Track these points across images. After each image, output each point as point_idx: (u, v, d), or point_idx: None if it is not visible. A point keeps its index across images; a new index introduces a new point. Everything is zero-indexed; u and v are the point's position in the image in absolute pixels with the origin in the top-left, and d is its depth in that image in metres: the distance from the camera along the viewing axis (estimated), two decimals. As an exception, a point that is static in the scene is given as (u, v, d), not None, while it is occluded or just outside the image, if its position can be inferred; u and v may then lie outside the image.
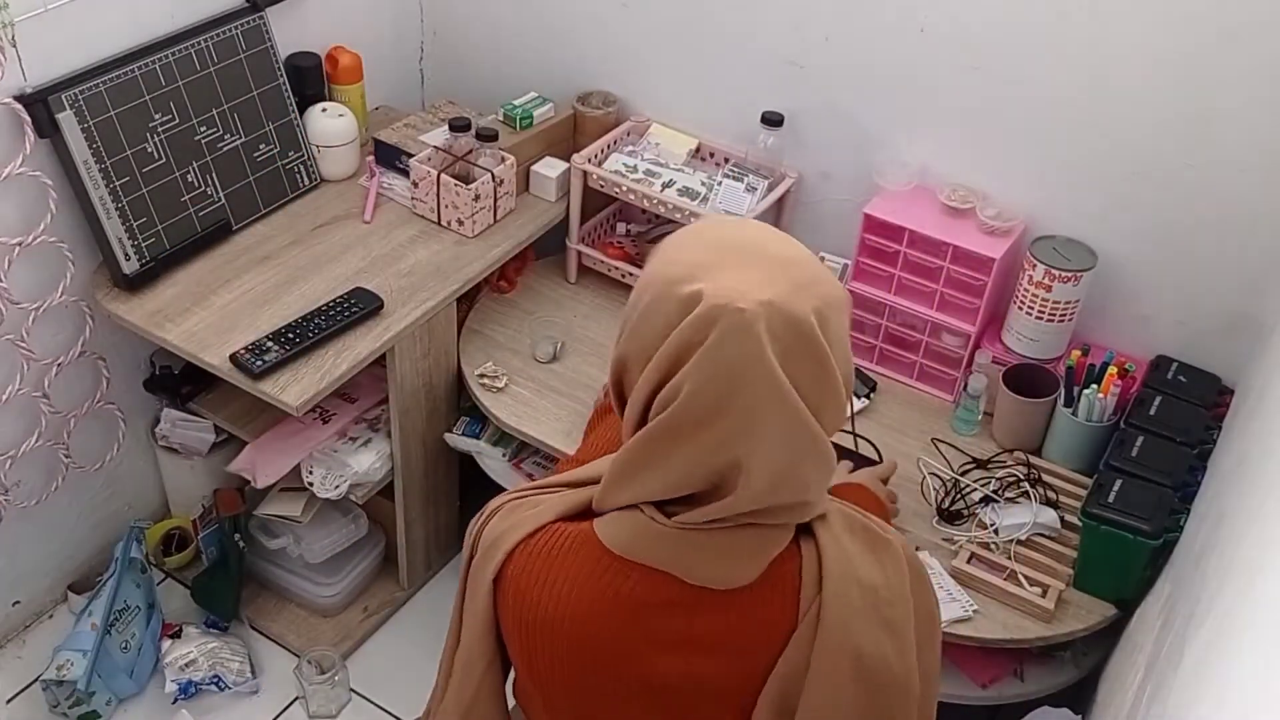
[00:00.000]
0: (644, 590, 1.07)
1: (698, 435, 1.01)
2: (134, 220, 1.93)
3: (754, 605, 1.08)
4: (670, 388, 1.01)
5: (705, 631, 1.08)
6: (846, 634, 1.07)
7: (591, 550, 1.09)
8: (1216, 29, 1.62)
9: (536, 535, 1.11)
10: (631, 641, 1.09)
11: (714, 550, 1.06)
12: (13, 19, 1.73)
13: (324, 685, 2.11)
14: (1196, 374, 1.82)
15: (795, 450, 1.03)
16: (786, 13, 1.97)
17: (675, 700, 1.11)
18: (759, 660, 1.09)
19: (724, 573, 1.07)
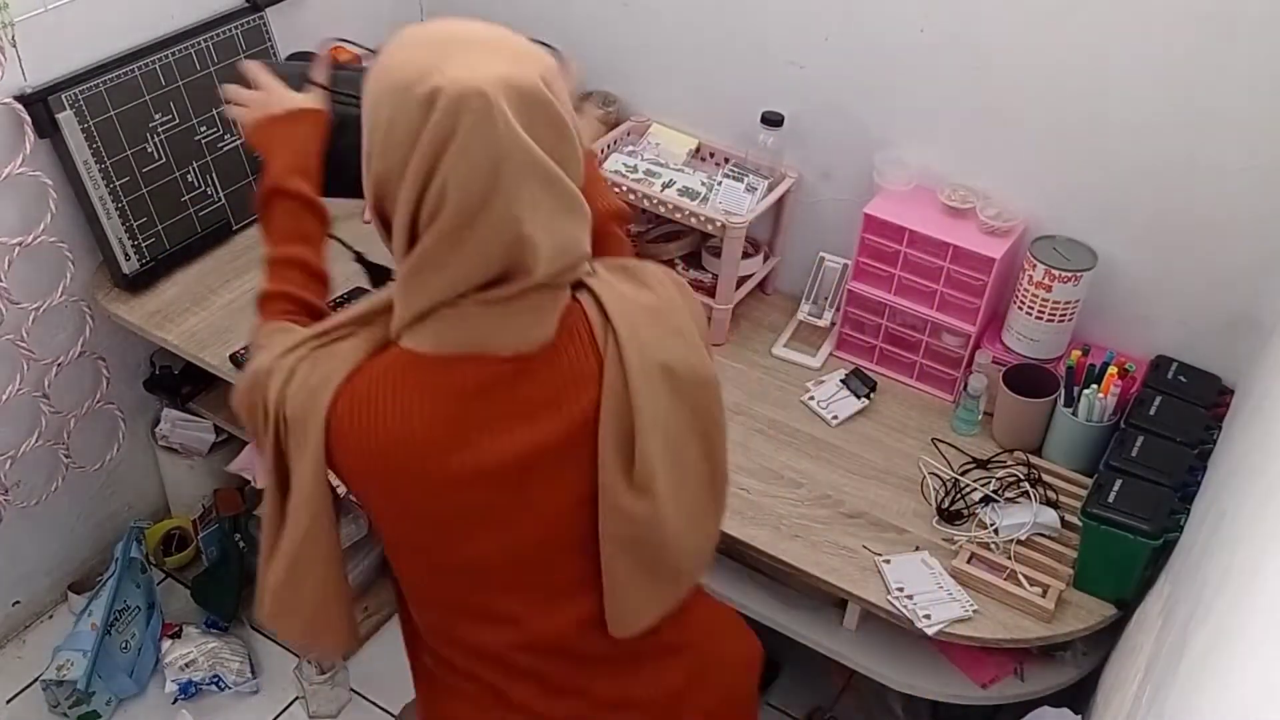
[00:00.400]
0: (465, 377, 1.13)
1: (475, 227, 1.06)
2: (134, 220, 1.93)
3: (560, 358, 1.15)
4: (434, 190, 1.05)
5: (529, 398, 1.15)
6: (646, 351, 1.17)
7: (409, 365, 1.14)
8: (1216, 29, 1.62)
9: (353, 378, 1.14)
10: (471, 430, 1.13)
11: (515, 319, 1.12)
12: (13, 19, 1.73)
13: (324, 685, 2.11)
14: (1196, 374, 1.82)
15: (563, 212, 1.10)
16: (786, 13, 1.97)
17: (528, 478, 1.16)
18: (580, 406, 1.16)
19: (528, 336, 1.14)
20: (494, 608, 1.22)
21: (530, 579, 1.22)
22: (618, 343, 1.16)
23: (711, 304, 2.06)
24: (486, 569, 1.20)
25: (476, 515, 1.17)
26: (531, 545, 1.20)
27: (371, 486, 1.16)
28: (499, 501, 1.16)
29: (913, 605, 1.62)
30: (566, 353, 1.16)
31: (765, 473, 1.83)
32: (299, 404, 1.15)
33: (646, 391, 1.17)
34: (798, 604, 1.83)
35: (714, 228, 1.98)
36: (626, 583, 1.23)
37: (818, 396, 1.97)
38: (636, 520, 1.19)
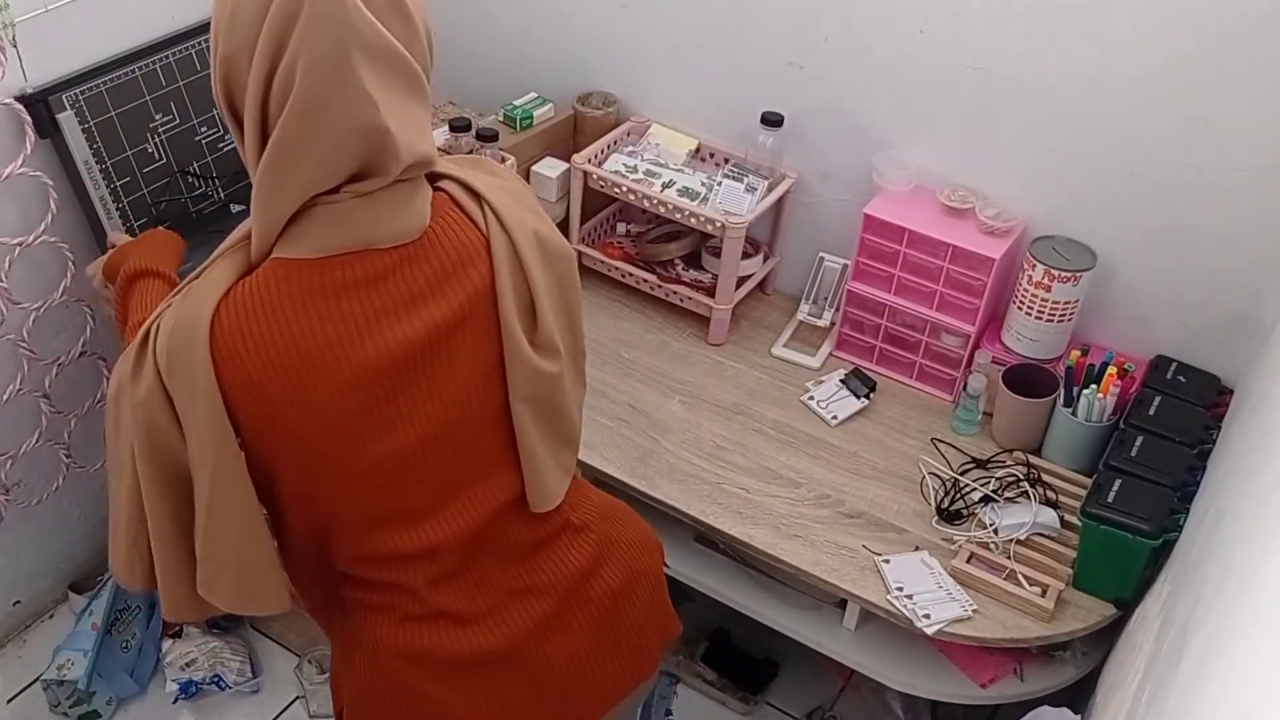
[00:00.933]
0: (352, 273, 1.14)
1: (330, 110, 1.07)
2: (134, 220, 1.93)
3: (441, 240, 1.18)
4: (283, 71, 1.06)
5: (419, 283, 1.17)
6: (521, 222, 1.24)
7: (290, 271, 1.13)
8: (1216, 29, 1.62)
9: (227, 298, 1.13)
10: (369, 321, 1.15)
11: (385, 210, 1.14)
12: (13, 19, 1.73)
13: (325, 685, 2.11)
14: (1196, 374, 1.82)
15: (410, 94, 1.12)
16: (786, 13, 1.97)
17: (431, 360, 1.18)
18: (472, 281, 1.20)
19: (406, 226, 1.16)
20: (408, 507, 1.23)
21: (440, 468, 1.23)
22: (498, 217, 1.22)
23: (711, 304, 2.06)
24: (398, 463, 1.20)
25: (385, 408, 1.17)
26: (439, 428, 1.21)
27: (273, 402, 1.13)
28: (405, 389, 1.18)
29: (912, 605, 1.62)
30: (447, 234, 1.19)
31: (765, 472, 1.84)
32: (176, 347, 1.12)
33: (530, 256, 1.23)
34: (798, 604, 1.83)
35: (714, 228, 1.98)
36: (540, 451, 1.28)
37: (817, 396, 1.97)
38: (545, 378, 1.26)
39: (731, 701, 2.17)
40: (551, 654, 1.34)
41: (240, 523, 1.20)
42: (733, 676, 2.19)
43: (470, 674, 1.31)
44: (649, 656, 1.45)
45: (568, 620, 1.35)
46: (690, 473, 1.82)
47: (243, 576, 1.23)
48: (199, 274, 1.18)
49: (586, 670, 1.37)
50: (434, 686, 1.30)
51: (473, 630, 1.30)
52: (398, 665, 1.29)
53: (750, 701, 2.16)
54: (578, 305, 1.34)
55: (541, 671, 1.34)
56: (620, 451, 1.85)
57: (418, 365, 1.18)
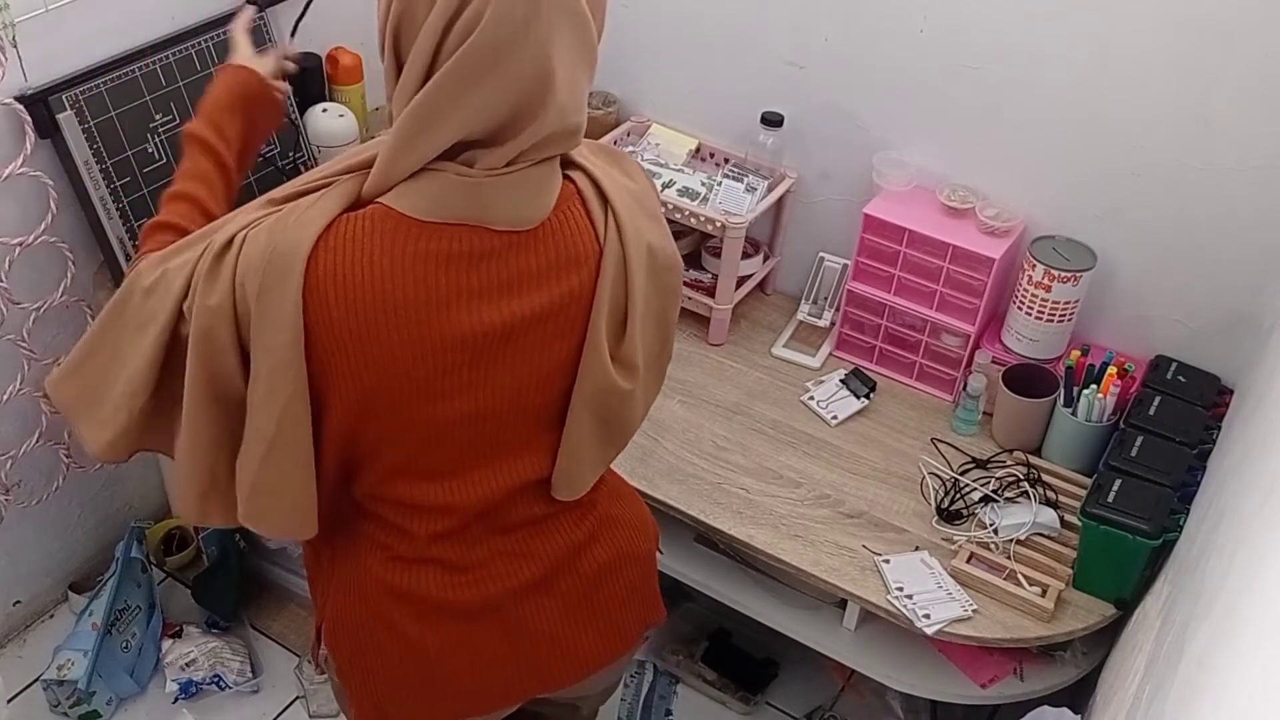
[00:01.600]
0: (457, 245, 1.12)
1: (512, 51, 1.04)
2: (135, 220, 1.93)
3: (554, 236, 1.16)
4: (469, 15, 1.02)
5: (519, 271, 1.15)
6: (636, 231, 1.21)
7: (397, 224, 1.11)
8: (1216, 29, 1.63)
9: (328, 234, 1.10)
10: (459, 295, 1.13)
11: (512, 193, 1.12)
12: (13, 19, 1.73)
13: (325, 684, 2.11)
14: (1196, 374, 1.82)
15: (584, 61, 1.10)
16: (786, 13, 1.97)
17: (506, 347, 1.17)
18: (571, 283, 1.18)
19: (524, 213, 1.14)
20: (434, 466, 1.24)
21: (477, 440, 1.23)
22: (619, 227, 1.19)
23: (711, 304, 2.06)
24: (440, 428, 1.20)
25: (445, 377, 1.17)
26: (490, 407, 1.21)
27: (345, 349, 1.12)
28: (471, 365, 1.17)
29: (912, 605, 1.62)
30: (563, 231, 1.17)
31: (765, 472, 1.83)
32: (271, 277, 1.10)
33: (638, 272, 1.22)
34: (798, 604, 1.83)
35: (714, 228, 1.98)
36: (586, 450, 1.28)
37: (817, 396, 1.97)
38: (619, 395, 1.25)
39: (731, 701, 2.17)
40: (529, 613, 1.35)
41: (301, 457, 1.19)
42: (733, 676, 2.19)
43: (448, 619, 1.33)
44: (626, 636, 1.45)
45: (551, 585, 1.36)
46: (690, 473, 1.82)
47: (297, 505, 1.23)
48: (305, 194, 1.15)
49: (560, 635, 1.38)
50: (412, 624, 1.32)
51: (459, 580, 1.32)
52: (382, 598, 1.31)
53: (750, 701, 2.16)
54: (675, 312, 1.34)
55: (517, 628, 1.35)
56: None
57: (491, 349, 1.17)
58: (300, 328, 1.11)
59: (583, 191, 1.19)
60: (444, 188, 1.10)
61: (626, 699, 2.14)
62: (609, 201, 1.20)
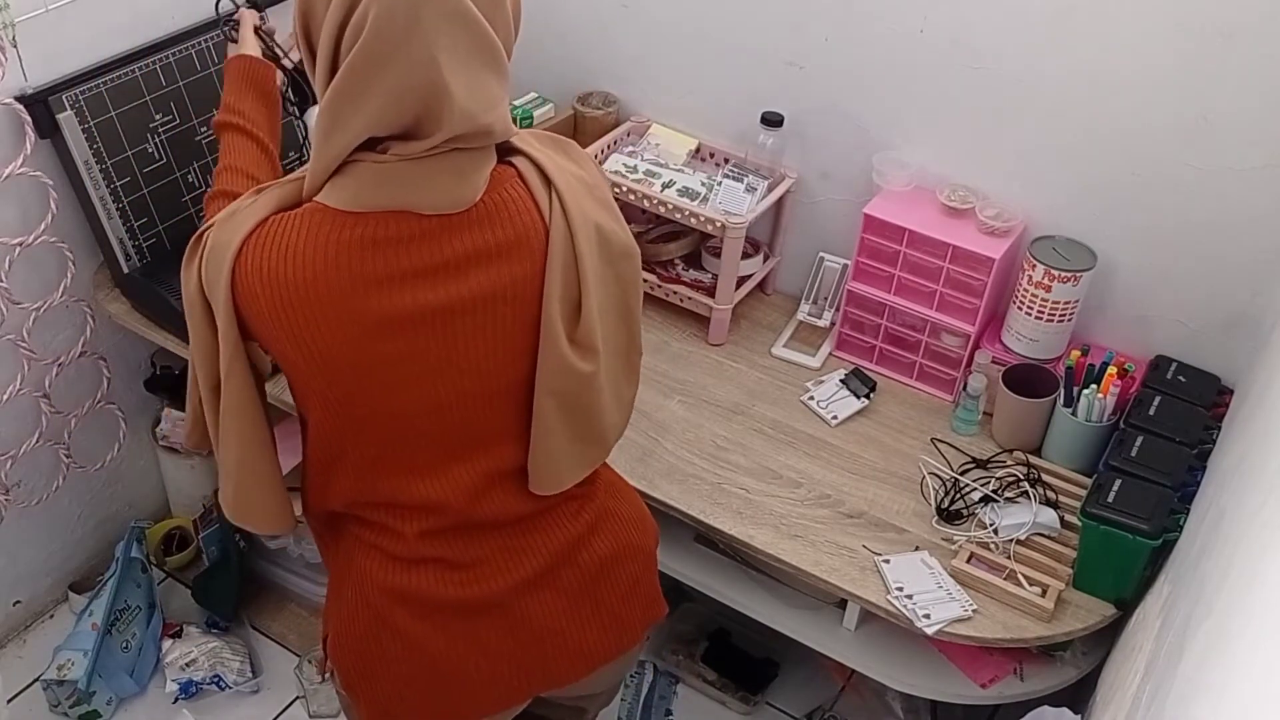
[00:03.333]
0: (383, 230, 1.15)
1: (393, 62, 1.08)
2: (134, 220, 1.93)
3: (495, 216, 1.18)
4: (356, 19, 1.08)
5: (457, 253, 1.17)
6: (582, 211, 1.22)
7: (323, 216, 1.16)
8: (1216, 29, 1.62)
9: (259, 229, 1.17)
10: (390, 278, 1.15)
11: (436, 179, 1.14)
12: (13, 19, 1.73)
13: (325, 685, 2.11)
14: (1196, 374, 1.82)
15: (483, 67, 1.12)
16: (786, 13, 1.97)
17: (453, 329, 1.18)
18: (519, 264, 1.19)
19: (451, 196, 1.15)
20: (410, 462, 1.25)
21: (448, 432, 1.24)
22: (563, 205, 1.21)
23: (711, 304, 2.06)
24: (404, 421, 1.22)
25: (398, 365, 1.19)
26: (451, 395, 1.22)
27: (285, 331, 1.17)
28: (421, 351, 1.19)
29: (912, 605, 1.62)
30: (502, 211, 1.19)
31: (765, 473, 1.83)
32: (210, 270, 1.19)
33: (588, 252, 1.22)
34: (798, 604, 1.83)
35: (714, 228, 1.98)
36: (557, 440, 1.28)
37: (817, 396, 1.97)
38: (579, 376, 1.25)
39: (731, 701, 2.17)
40: (533, 609, 1.36)
41: (241, 440, 1.26)
42: (733, 676, 2.19)
43: (452, 618, 1.33)
44: (630, 631, 1.46)
45: (553, 580, 1.37)
46: (690, 473, 1.82)
47: (240, 491, 1.30)
48: (250, 198, 1.21)
49: (564, 630, 1.39)
50: (415, 625, 1.33)
51: (459, 578, 1.32)
52: (383, 600, 1.32)
53: (750, 701, 2.16)
54: (637, 303, 1.34)
55: (521, 623, 1.36)
56: (620, 451, 1.84)
57: (435, 330, 1.18)
58: (233, 317, 1.18)
59: (524, 174, 1.22)
60: (364, 177, 1.15)
61: (626, 699, 2.14)
62: (552, 183, 1.21)
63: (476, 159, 1.18)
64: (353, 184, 1.15)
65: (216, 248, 1.18)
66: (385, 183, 1.14)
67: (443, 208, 1.16)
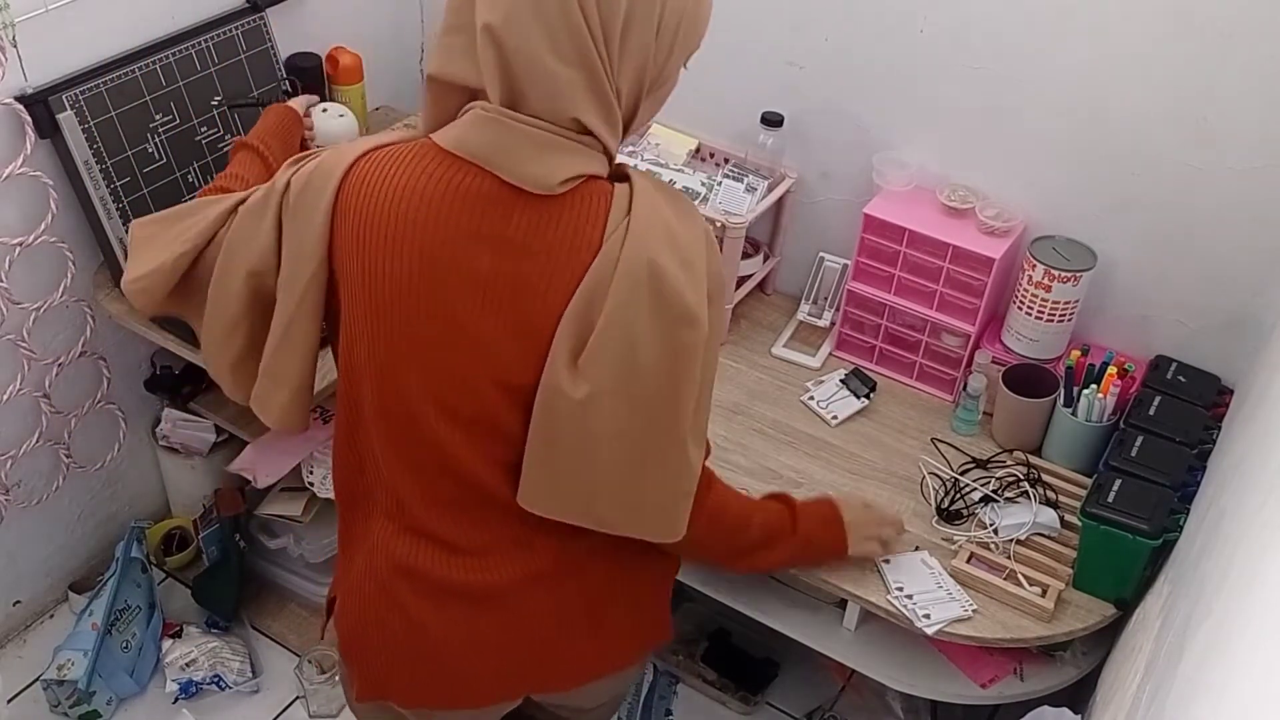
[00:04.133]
0: (471, 182, 1.17)
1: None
2: (135, 220, 1.93)
3: (563, 214, 1.18)
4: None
5: (519, 230, 1.18)
6: (645, 246, 1.16)
7: (429, 151, 1.20)
8: (1216, 29, 1.63)
9: (374, 152, 1.22)
10: (458, 228, 1.18)
11: (524, 145, 1.16)
12: (13, 19, 1.73)
13: (325, 685, 2.11)
14: (1196, 374, 1.82)
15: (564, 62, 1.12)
16: (786, 13, 1.97)
17: (494, 295, 1.19)
18: (565, 266, 1.18)
19: (531, 169, 1.16)
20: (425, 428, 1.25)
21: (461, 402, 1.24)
22: (628, 228, 1.17)
23: (711, 304, 2.06)
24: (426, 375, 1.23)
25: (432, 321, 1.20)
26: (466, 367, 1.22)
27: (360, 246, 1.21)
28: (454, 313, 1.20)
29: (912, 605, 1.62)
30: (570, 213, 1.18)
31: (765, 473, 1.83)
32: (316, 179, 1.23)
33: (628, 290, 1.16)
34: (798, 604, 1.83)
35: (714, 228, 1.98)
36: (539, 461, 1.24)
37: (817, 396, 1.97)
38: (567, 400, 1.18)
39: (731, 701, 2.17)
40: (530, 609, 1.35)
41: (308, 348, 1.30)
42: (733, 676, 2.19)
43: (454, 602, 1.34)
44: (625, 652, 1.45)
45: (557, 586, 1.36)
46: (690, 473, 1.82)
47: (296, 397, 1.33)
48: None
49: (558, 639, 1.38)
50: (415, 603, 1.34)
51: (465, 563, 1.32)
52: (390, 572, 1.34)
53: (750, 701, 2.16)
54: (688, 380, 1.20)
55: (518, 622, 1.35)
56: (620, 451, 1.84)
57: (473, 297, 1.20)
58: (327, 226, 1.22)
59: (615, 197, 1.19)
60: (471, 122, 1.18)
61: (626, 699, 2.14)
62: (631, 211, 1.18)
63: (567, 148, 1.17)
64: (461, 125, 1.19)
65: (329, 161, 1.23)
66: (484, 131, 1.17)
67: (521, 179, 1.16)
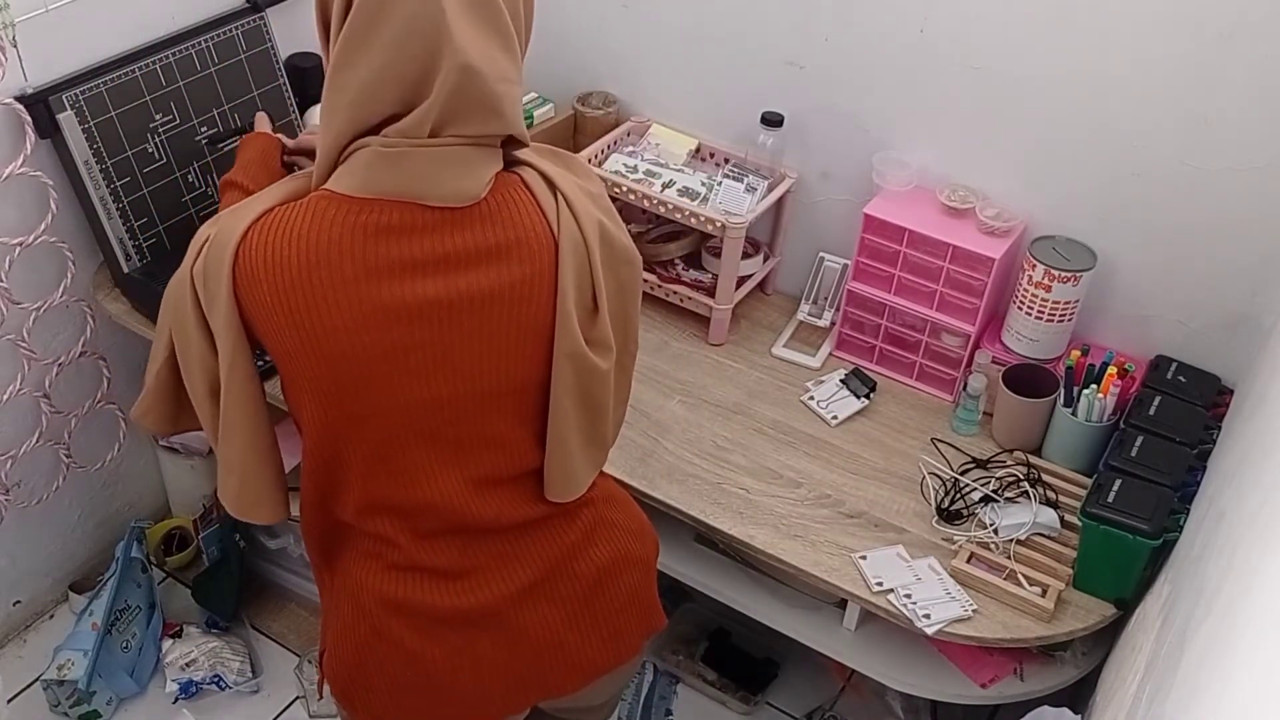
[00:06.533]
0: (387, 217, 1.14)
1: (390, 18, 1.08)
2: (135, 220, 1.93)
3: (498, 215, 1.18)
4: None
5: (460, 249, 1.16)
6: (592, 218, 1.23)
7: (329, 202, 1.15)
8: (1216, 29, 1.63)
9: (264, 217, 1.17)
10: (391, 266, 1.15)
11: (440, 168, 1.14)
12: (14, 19, 1.73)
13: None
14: (1196, 374, 1.82)
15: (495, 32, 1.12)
16: (786, 13, 1.97)
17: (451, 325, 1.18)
18: (527, 265, 1.19)
19: (455, 188, 1.15)
20: (409, 463, 1.24)
21: (443, 429, 1.24)
22: (571, 209, 1.21)
23: (711, 304, 2.06)
24: (402, 414, 1.22)
25: (394, 357, 1.18)
26: (447, 394, 1.22)
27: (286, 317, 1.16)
28: (418, 345, 1.18)
29: (912, 605, 1.62)
30: (504, 213, 1.19)
31: (765, 472, 1.83)
32: (211, 261, 1.18)
33: (597, 256, 1.24)
34: (798, 604, 1.83)
35: (714, 228, 1.98)
36: (573, 442, 1.28)
37: (817, 396, 1.97)
38: (598, 375, 1.26)
39: (731, 701, 2.17)
40: (529, 620, 1.36)
41: (245, 432, 1.27)
42: (733, 676, 2.19)
43: (449, 629, 1.33)
44: (628, 641, 1.45)
45: (550, 590, 1.36)
46: (690, 473, 1.82)
47: (245, 484, 1.31)
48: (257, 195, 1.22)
49: (562, 641, 1.38)
50: (412, 637, 1.32)
51: (455, 587, 1.32)
52: (379, 612, 1.32)
53: (750, 701, 2.16)
54: (635, 309, 1.36)
55: (518, 636, 1.35)
56: (620, 451, 1.85)
57: (431, 325, 1.18)
58: (234, 308, 1.17)
59: (529, 182, 1.22)
60: (371, 161, 1.14)
61: (626, 699, 2.15)
62: (558, 189, 1.22)
63: (482, 155, 1.18)
64: (360, 169, 1.15)
65: (219, 238, 1.18)
66: (391, 168, 1.14)
67: (447, 199, 1.16)
